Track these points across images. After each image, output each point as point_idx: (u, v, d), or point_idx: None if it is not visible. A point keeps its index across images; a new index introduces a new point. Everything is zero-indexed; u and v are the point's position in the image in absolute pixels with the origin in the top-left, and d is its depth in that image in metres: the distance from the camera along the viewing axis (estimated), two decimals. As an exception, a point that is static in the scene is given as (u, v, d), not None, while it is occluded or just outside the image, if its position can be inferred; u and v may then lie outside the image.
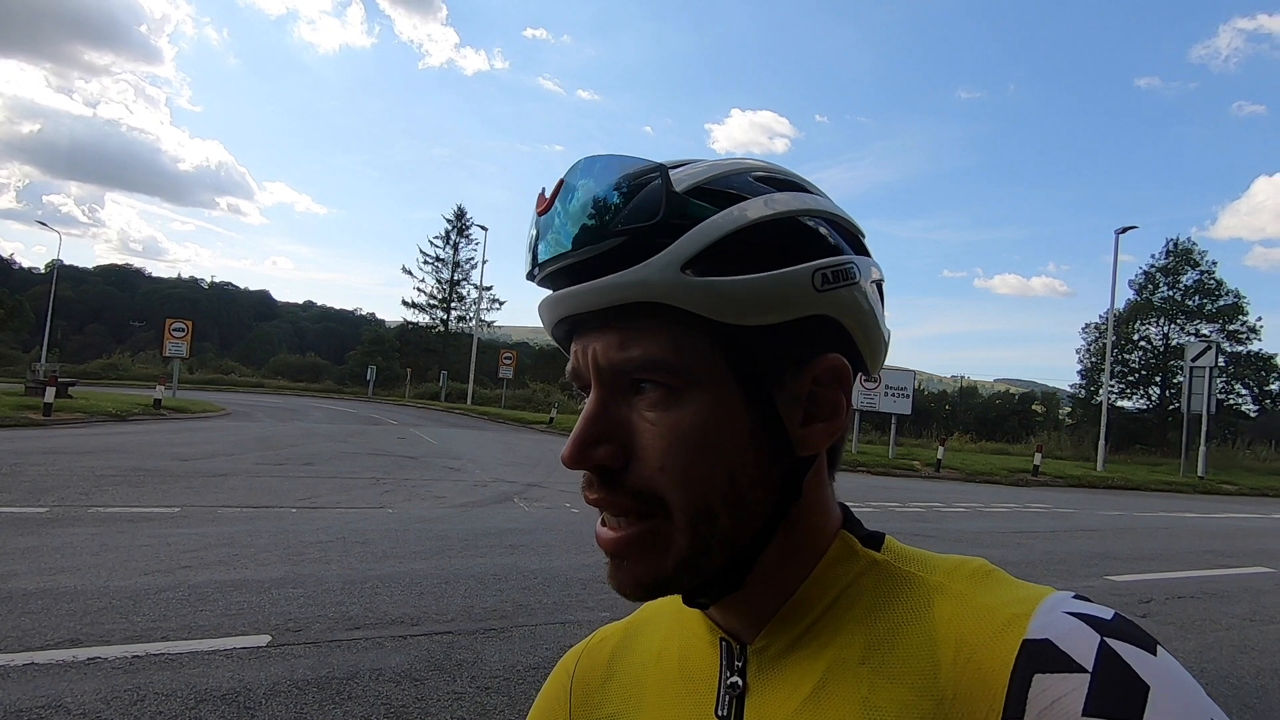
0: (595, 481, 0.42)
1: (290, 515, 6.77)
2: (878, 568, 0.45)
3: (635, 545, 0.42)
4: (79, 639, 3.40)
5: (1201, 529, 10.39)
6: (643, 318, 0.40)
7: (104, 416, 15.31)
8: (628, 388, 0.42)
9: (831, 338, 0.44)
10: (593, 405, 0.42)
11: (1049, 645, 0.36)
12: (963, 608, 0.40)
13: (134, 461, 9.41)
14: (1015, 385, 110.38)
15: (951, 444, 23.39)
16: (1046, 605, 0.38)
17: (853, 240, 0.46)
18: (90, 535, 5.40)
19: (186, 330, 22.71)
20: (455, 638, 3.75)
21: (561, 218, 0.42)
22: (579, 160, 0.43)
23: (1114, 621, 0.37)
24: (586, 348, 0.43)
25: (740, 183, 0.43)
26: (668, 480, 0.41)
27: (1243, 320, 34.07)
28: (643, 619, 0.56)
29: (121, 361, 38.54)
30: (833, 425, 0.44)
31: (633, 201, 0.40)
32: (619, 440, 0.42)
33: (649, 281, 0.39)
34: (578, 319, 0.43)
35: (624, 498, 0.41)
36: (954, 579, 0.43)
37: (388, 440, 15.45)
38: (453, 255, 45.36)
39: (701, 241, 0.40)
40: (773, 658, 0.44)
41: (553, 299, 0.43)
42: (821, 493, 0.46)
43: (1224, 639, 4.70)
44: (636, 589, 0.43)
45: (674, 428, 0.40)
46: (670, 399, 0.41)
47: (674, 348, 0.40)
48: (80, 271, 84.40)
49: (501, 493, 9.06)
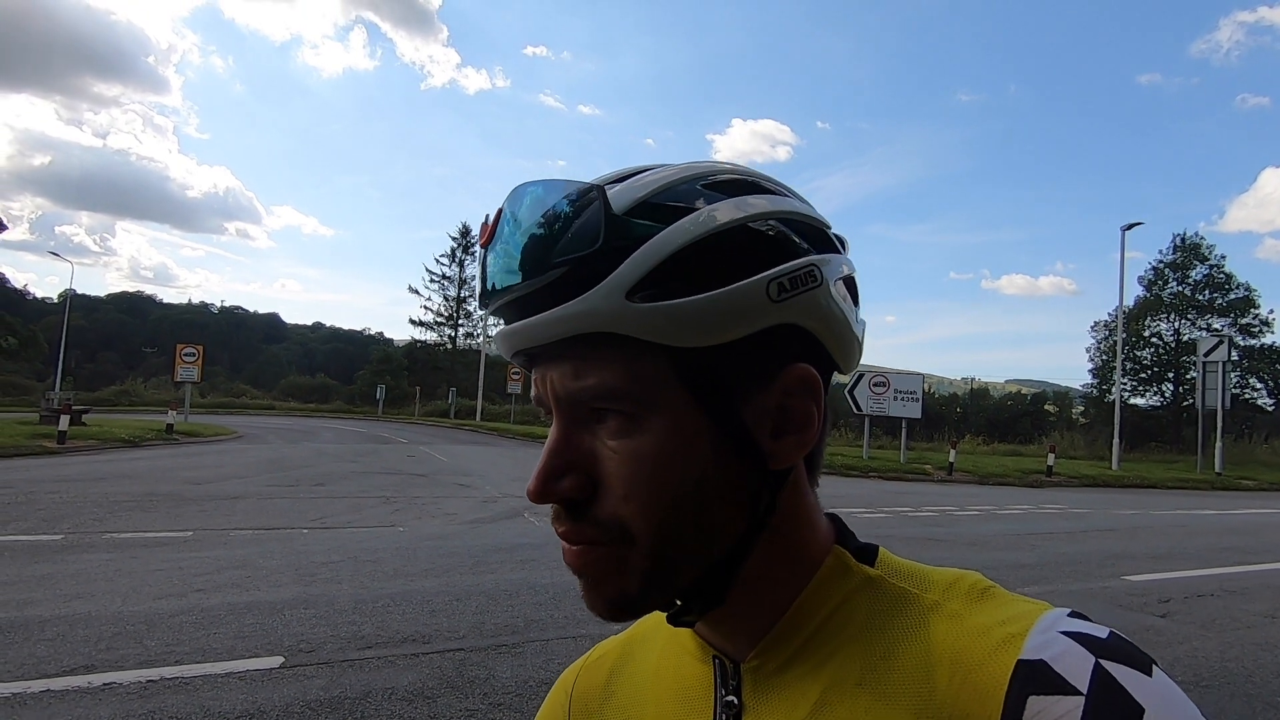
0: (563, 514, 0.41)
1: (301, 536, 6.80)
2: (872, 584, 0.44)
3: (600, 564, 0.41)
4: (94, 665, 3.41)
5: (1220, 526, 10.25)
6: (594, 347, 0.39)
7: (117, 443, 15.44)
8: (589, 416, 0.41)
9: (798, 345, 0.42)
10: (555, 437, 0.42)
11: (1043, 666, 0.36)
12: (959, 627, 0.40)
13: (146, 487, 9.47)
14: (1027, 386, 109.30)
15: (963, 446, 23.23)
16: (1042, 625, 0.38)
17: (816, 237, 0.44)
18: (104, 561, 5.44)
19: (197, 355, 22.90)
20: (467, 655, 3.75)
21: (504, 247, 0.41)
22: (516, 186, 0.42)
23: (1109, 641, 0.37)
24: (545, 376, 0.42)
25: (688, 192, 0.41)
26: (632, 509, 0.40)
27: (1255, 313, 33.77)
28: (640, 634, 0.55)
29: (134, 388, 38.94)
30: (804, 437, 0.42)
31: (572, 228, 0.39)
32: (584, 470, 0.41)
33: (594, 312, 0.38)
34: (532, 351, 0.42)
35: (590, 528, 0.41)
36: (950, 597, 0.42)
37: (398, 459, 15.49)
38: (459, 273, 45.72)
39: (645, 265, 0.38)
40: (767, 676, 0.44)
41: (504, 333, 0.42)
42: (803, 505, 0.45)
43: (1245, 637, 4.62)
44: (607, 608, 0.42)
45: (635, 455, 0.40)
46: (630, 426, 0.40)
47: (628, 375, 0.39)
48: (92, 300, 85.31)
49: (512, 508, 9.05)
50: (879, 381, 19.11)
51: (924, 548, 7.41)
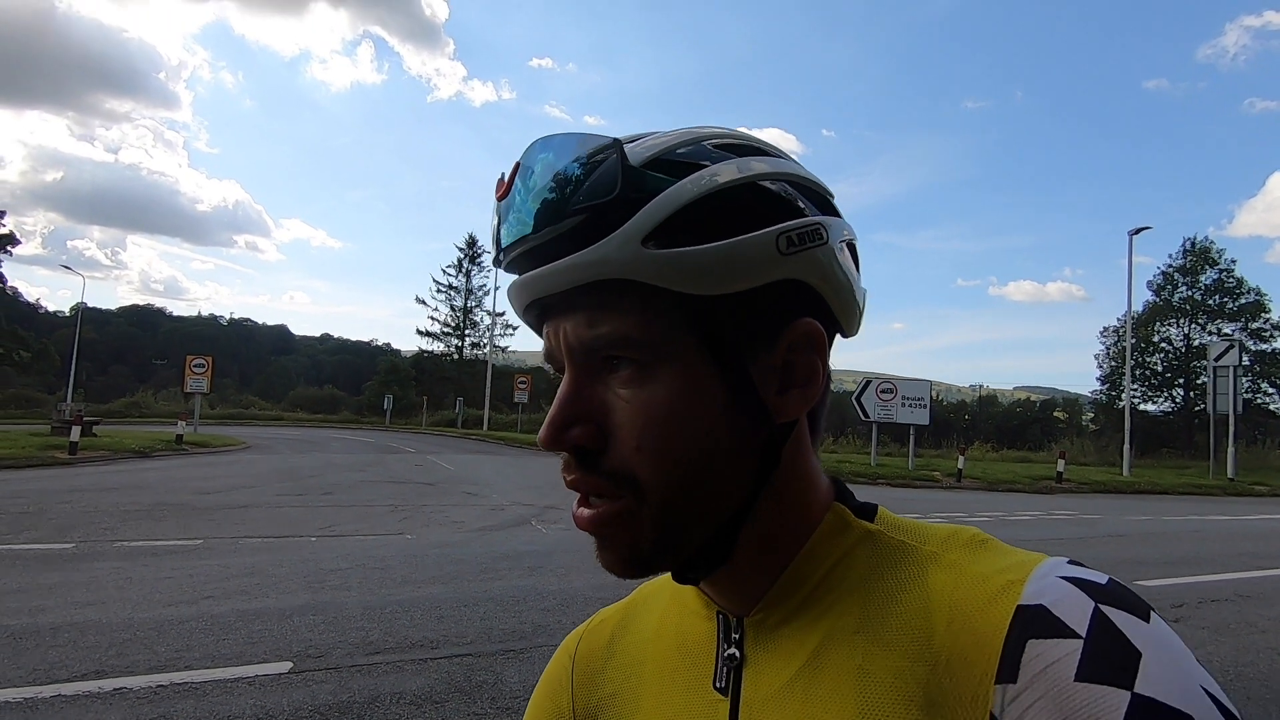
0: (573, 463, 0.42)
1: (310, 544, 6.82)
2: (871, 538, 0.45)
3: (611, 524, 0.42)
4: (105, 670, 3.44)
5: (1233, 531, 10.13)
6: (609, 295, 0.40)
7: (128, 454, 15.52)
8: (601, 365, 0.42)
9: (803, 302, 0.43)
10: (567, 386, 0.42)
11: (1043, 610, 0.36)
12: (957, 575, 0.40)
13: (157, 497, 9.53)
14: (1035, 392, 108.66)
15: (972, 453, 23.08)
16: (1041, 571, 0.38)
17: (820, 201, 0.45)
18: (114, 569, 5.47)
19: (207, 366, 23.07)
20: (475, 660, 3.75)
21: (520, 200, 0.42)
22: (536, 140, 0.42)
23: (1108, 586, 0.37)
24: (558, 328, 0.43)
25: (698, 151, 0.42)
26: (643, 459, 0.40)
27: (1266, 318, 33.52)
28: (641, 598, 0.57)
29: (144, 399, 39.14)
30: (809, 391, 0.43)
31: (590, 179, 0.40)
32: (595, 420, 0.41)
33: (610, 259, 0.39)
34: (546, 301, 0.42)
35: (600, 478, 0.41)
36: (948, 548, 0.42)
37: (405, 468, 15.52)
38: (465, 283, 45.82)
39: (660, 214, 0.39)
40: (769, 629, 0.45)
41: (519, 283, 0.43)
42: (805, 461, 0.45)
43: (1260, 642, 4.57)
44: (622, 566, 0.42)
45: (647, 404, 0.40)
46: (642, 375, 0.41)
47: (641, 323, 0.40)
48: (104, 313, 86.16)
49: (519, 516, 9.06)
50: (886, 388, 19.03)
51: None
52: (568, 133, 0.42)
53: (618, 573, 0.43)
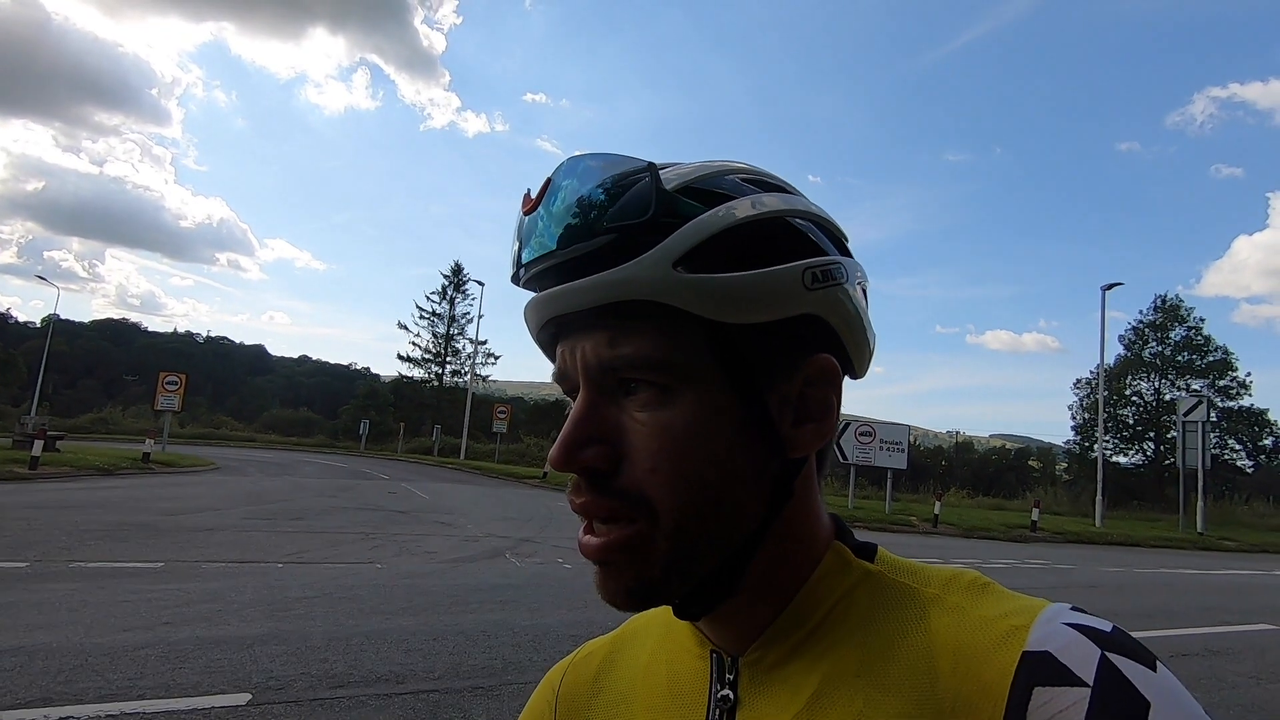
0: (583, 485, 0.41)
1: (276, 570, 6.62)
2: (871, 579, 0.44)
3: (621, 550, 0.40)
4: (51, 698, 3.28)
5: (1203, 585, 10.23)
6: (633, 316, 0.40)
7: (91, 471, 15.07)
8: (617, 388, 0.41)
9: (820, 338, 0.43)
10: (581, 406, 0.41)
11: (1049, 658, 0.35)
12: (960, 619, 0.39)
13: (119, 516, 9.23)
14: (1010, 440, 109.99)
15: (948, 499, 23.17)
16: (1045, 616, 0.38)
17: (837, 242, 0.46)
18: (69, 591, 5.27)
19: (180, 384, 22.58)
20: (442, 696, 3.64)
21: (548, 217, 0.41)
22: (566, 159, 0.42)
23: (1114, 635, 0.37)
24: (574, 348, 0.42)
25: (727, 183, 0.43)
26: (658, 482, 0.39)
27: (1233, 375, 34.45)
28: (629, 632, 0.55)
29: (112, 415, 38.15)
30: (824, 426, 0.43)
31: (622, 199, 0.39)
32: (608, 441, 0.40)
33: (640, 279, 0.39)
34: (565, 319, 0.42)
35: (612, 501, 0.40)
36: (950, 591, 0.42)
37: (379, 495, 15.22)
38: (449, 310, 45.70)
39: (693, 239, 0.39)
40: (765, 670, 0.43)
41: (541, 298, 0.42)
42: (811, 498, 0.45)
43: (1230, 698, 4.59)
44: (626, 597, 0.41)
45: (665, 428, 0.39)
46: (661, 398, 0.40)
47: (665, 345, 0.40)
48: (76, 326, 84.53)
49: (493, 548, 8.89)
50: (865, 431, 19.14)
51: None
52: (603, 153, 0.42)
53: (620, 603, 0.42)
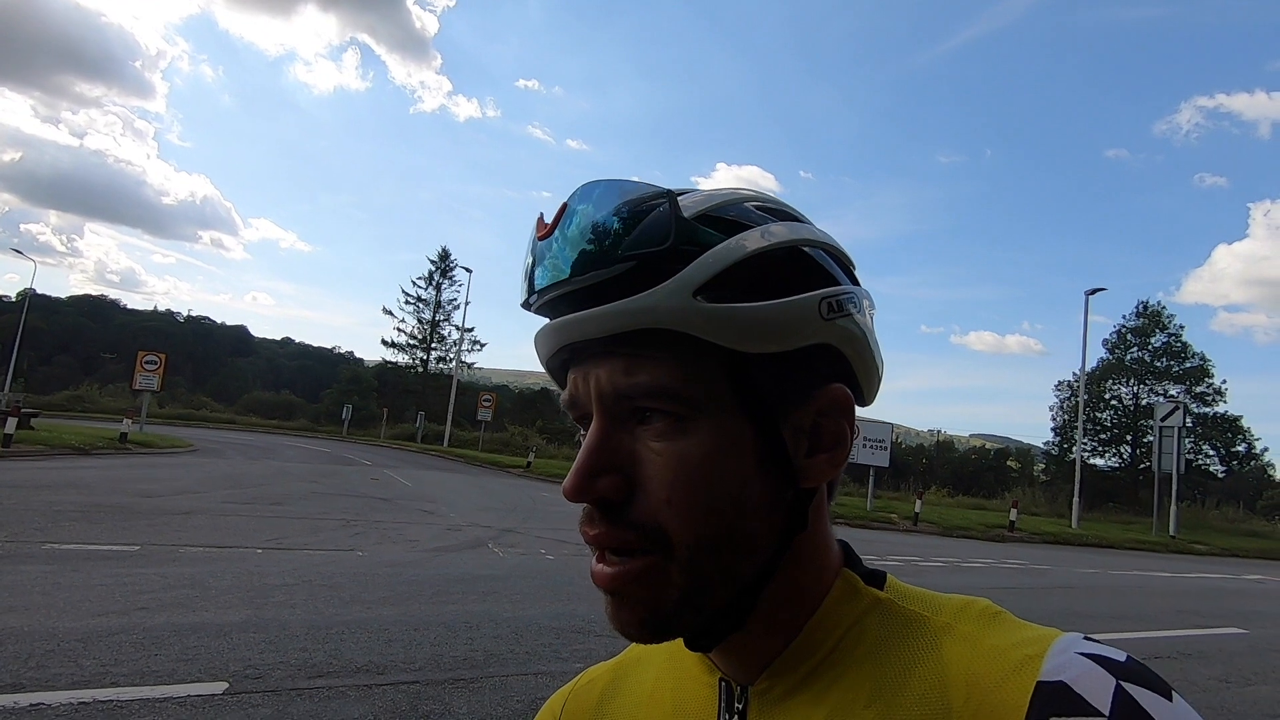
0: (596, 515, 0.40)
1: (255, 556, 6.55)
2: (881, 607, 0.44)
3: (635, 581, 0.40)
4: (22, 684, 3.22)
5: (1175, 588, 10.43)
6: (649, 344, 0.39)
7: (66, 450, 14.83)
8: (631, 416, 0.41)
9: (833, 368, 0.43)
10: (596, 434, 0.41)
11: (1064, 688, 0.35)
12: (973, 649, 0.39)
13: (94, 497, 9.09)
14: (991, 440, 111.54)
15: (929, 498, 23.42)
16: (1059, 646, 0.38)
17: (847, 271, 0.46)
18: (42, 573, 5.17)
19: (159, 363, 22.25)
20: (422, 688, 3.61)
21: (563, 242, 0.41)
22: (582, 185, 0.42)
23: (1128, 664, 0.36)
24: (588, 375, 0.42)
25: (742, 212, 0.43)
26: (673, 513, 0.39)
27: (1209, 382, 35.09)
28: (633, 658, 0.54)
29: (89, 394, 37.51)
30: (836, 456, 0.43)
31: (639, 227, 0.39)
32: (622, 471, 0.40)
33: (660, 307, 0.38)
34: (579, 346, 0.41)
35: (626, 532, 0.40)
36: (961, 620, 0.42)
37: (361, 481, 15.12)
38: (435, 296, 45.37)
39: (712, 268, 0.39)
40: (775, 700, 0.43)
41: (556, 325, 0.41)
42: (823, 527, 0.45)
43: (1201, 701, 4.66)
44: (639, 629, 0.41)
45: (681, 458, 0.39)
46: (677, 428, 0.40)
47: (682, 374, 0.39)
48: (53, 301, 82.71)
49: (476, 538, 8.86)
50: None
51: None
52: (620, 179, 0.42)
53: (634, 634, 0.41)
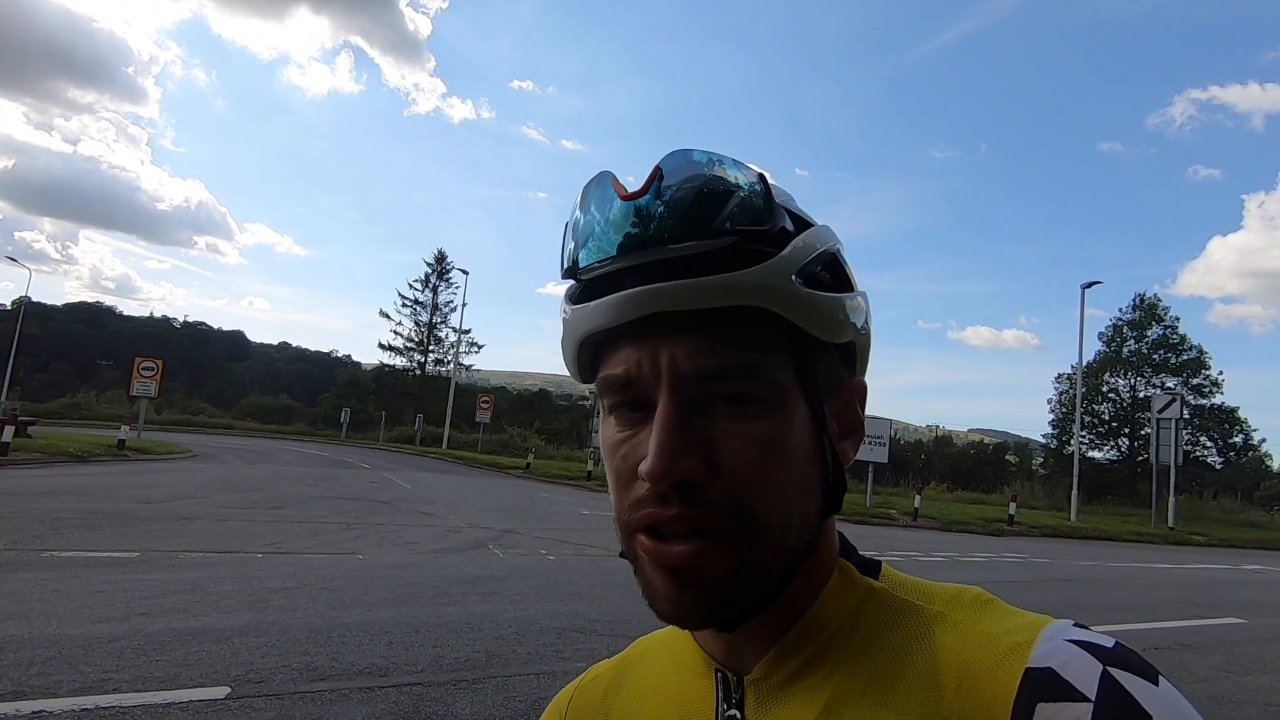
0: (674, 496, 0.39)
1: (255, 560, 6.55)
2: (876, 596, 0.45)
3: (709, 558, 0.39)
4: (24, 691, 3.21)
5: (1174, 580, 10.46)
6: (733, 323, 0.39)
7: (64, 457, 14.78)
8: (703, 396, 0.40)
9: (851, 363, 0.47)
10: (672, 414, 0.39)
11: (1051, 674, 0.36)
12: (964, 636, 0.40)
13: (92, 504, 9.07)
14: (989, 435, 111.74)
15: (928, 493, 23.43)
16: (1048, 633, 0.38)
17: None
18: (42, 580, 5.16)
19: (156, 369, 22.17)
20: (425, 689, 3.62)
21: (660, 207, 0.39)
22: (674, 150, 0.41)
23: (1116, 650, 0.37)
24: (658, 353, 0.40)
25: (801, 211, 0.46)
26: (751, 492, 0.40)
27: (1206, 374, 35.12)
28: (635, 655, 0.55)
29: (86, 401, 37.36)
30: (855, 441, 0.47)
31: (737, 203, 0.39)
32: (701, 452, 0.39)
33: (764, 285, 0.39)
34: (650, 320, 0.39)
35: (705, 511, 0.39)
36: (954, 608, 0.43)
37: (360, 484, 15.10)
38: (432, 298, 45.28)
39: (808, 253, 0.41)
40: (771, 690, 0.43)
41: (642, 293, 0.39)
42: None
43: (1200, 691, 4.69)
44: (695, 608, 0.40)
45: (757, 439, 0.40)
46: (754, 410, 0.40)
47: (762, 356, 0.40)
48: (48, 309, 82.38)
49: (476, 539, 8.86)
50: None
51: None
52: (712, 152, 0.41)
53: (693, 618, 0.40)
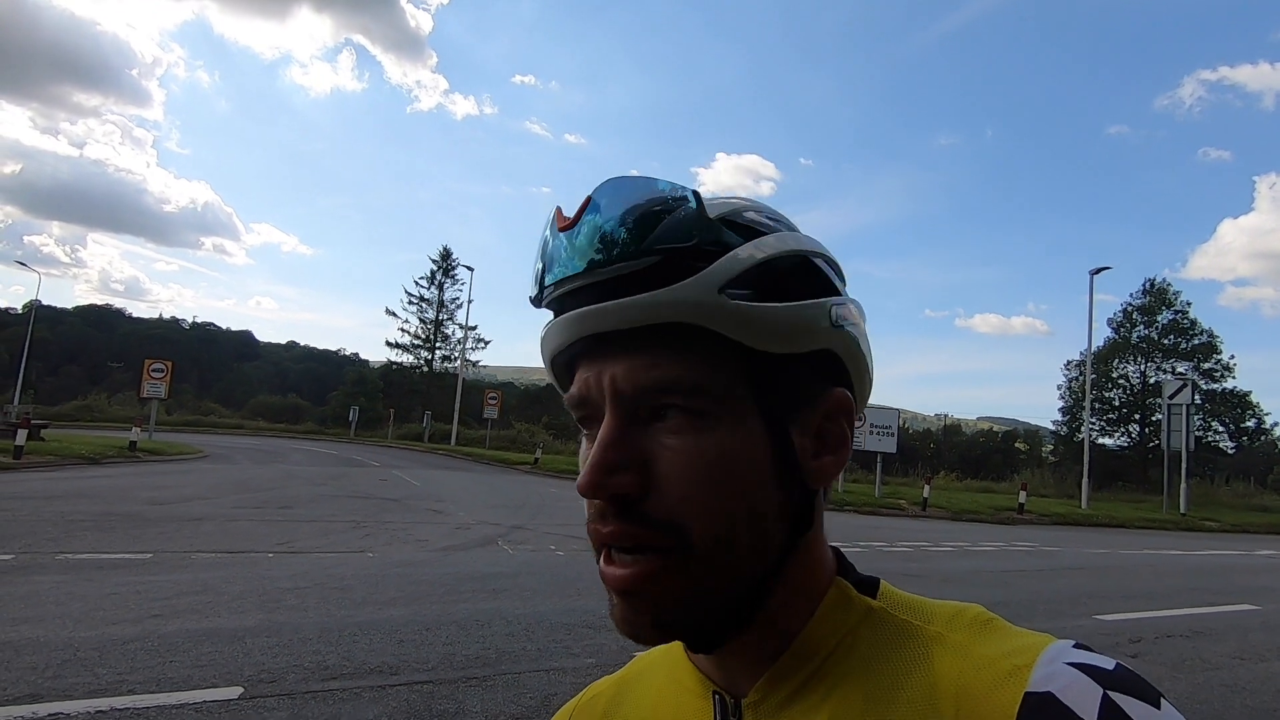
0: (610, 512, 0.40)
1: (266, 560, 6.59)
2: (874, 616, 0.44)
3: (651, 580, 0.39)
4: (40, 694, 3.25)
5: (1186, 566, 10.40)
6: (670, 340, 0.40)
7: (76, 459, 14.93)
8: (647, 413, 0.41)
9: (834, 373, 0.45)
10: (611, 430, 0.40)
11: (1051, 699, 0.35)
12: (963, 659, 0.39)
13: (105, 506, 9.15)
14: (998, 423, 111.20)
15: (937, 483, 23.39)
16: (1047, 656, 0.38)
17: (843, 282, 0.48)
18: (56, 583, 5.21)
19: (166, 371, 22.32)
20: (436, 687, 3.63)
21: (588, 235, 0.41)
22: (607, 179, 0.42)
23: (1116, 672, 0.37)
24: (602, 372, 0.41)
25: (755, 219, 0.44)
26: (691, 510, 0.39)
27: (1217, 359, 34.83)
28: (634, 673, 0.54)
29: (97, 403, 37.71)
30: (840, 458, 0.44)
31: (665, 222, 0.40)
32: (638, 468, 0.40)
33: (688, 301, 0.39)
34: (598, 341, 0.41)
35: (642, 529, 0.39)
36: (953, 629, 0.42)
37: (369, 482, 15.18)
38: (438, 295, 45.38)
39: (736, 267, 0.40)
40: (769, 712, 0.43)
41: (575, 316, 0.41)
42: (819, 533, 0.45)
43: (1214, 679, 4.66)
44: (651, 629, 0.40)
45: (699, 455, 0.39)
46: (695, 425, 0.40)
47: (703, 371, 0.40)
48: (58, 312, 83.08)
49: (485, 536, 8.89)
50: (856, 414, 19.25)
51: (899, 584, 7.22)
52: (644, 176, 0.42)
53: (645, 636, 0.41)
